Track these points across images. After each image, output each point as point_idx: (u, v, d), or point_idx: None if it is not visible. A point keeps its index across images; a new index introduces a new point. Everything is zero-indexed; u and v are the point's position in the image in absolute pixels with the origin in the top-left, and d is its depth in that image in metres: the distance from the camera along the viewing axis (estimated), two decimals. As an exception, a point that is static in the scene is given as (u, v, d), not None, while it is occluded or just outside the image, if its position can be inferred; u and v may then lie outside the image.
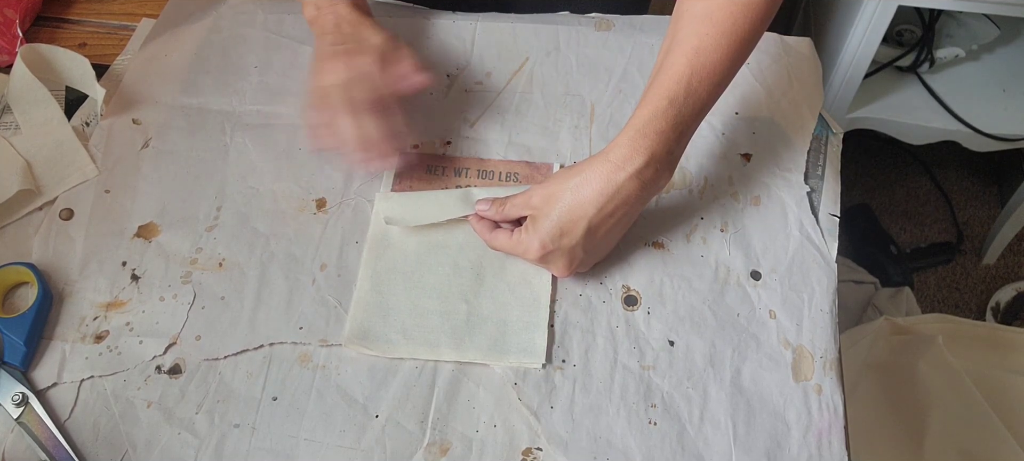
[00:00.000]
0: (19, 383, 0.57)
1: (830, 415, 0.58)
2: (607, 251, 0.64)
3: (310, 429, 0.57)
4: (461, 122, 0.73)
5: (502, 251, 0.63)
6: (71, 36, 0.81)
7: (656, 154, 0.57)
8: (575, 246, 0.59)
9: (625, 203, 0.58)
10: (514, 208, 0.62)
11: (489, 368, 0.60)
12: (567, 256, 0.60)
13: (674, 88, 0.57)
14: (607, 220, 0.59)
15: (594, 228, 0.58)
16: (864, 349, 1.06)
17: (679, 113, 0.57)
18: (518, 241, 0.61)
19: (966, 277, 1.52)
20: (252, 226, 0.66)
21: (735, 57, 0.58)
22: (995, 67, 1.35)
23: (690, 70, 0.57)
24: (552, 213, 0.58)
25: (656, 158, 0.57)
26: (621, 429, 0.57)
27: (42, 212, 0.67)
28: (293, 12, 0.81)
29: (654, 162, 0.57)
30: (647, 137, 0.57)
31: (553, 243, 0.59)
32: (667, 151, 0.58)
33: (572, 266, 0.61)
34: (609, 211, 0.58)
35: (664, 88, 0.57)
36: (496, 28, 0.80)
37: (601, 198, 0.57)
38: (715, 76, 0.57)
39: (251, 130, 0.72)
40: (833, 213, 0.68)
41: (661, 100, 0.57)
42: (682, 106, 0.57)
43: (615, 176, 0.57)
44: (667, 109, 0.57)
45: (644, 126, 0.57)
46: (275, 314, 0.62)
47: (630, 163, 0.57)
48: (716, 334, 0.61)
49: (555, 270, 0.62)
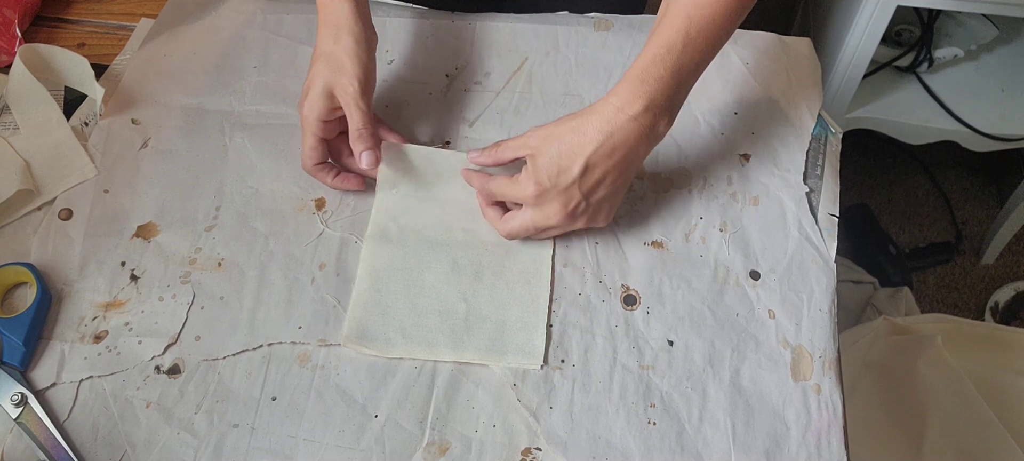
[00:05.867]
0: (18, 383, 0.57)
1: (829, 415, 0.58)
2: (606, 210, 0.62)
3: (309, 429, 0.57)
4: (460, 122, 0.73)
5: (498, 196, 0.63)
6: (70, 36, 0.81)
7: (655, 100, 0.58)
8: (571, 185, 0.59)
9: (624, 144, 0.59)
10: (509, 150, 0.62)
11: (488, 368, 0.60)
12: (563, 197, 0.59)
13: (673, 37, 0.58)
14: (605, 160, 0.59)
15: (592, 166, 0.59)
16: (863, 349, 1.06)
17: (677, 61, 0.58)
18: (515, 182, 0.61)
19: (965, 277, 1.52)
20: (251, 226, 0.66)
21: (734, 12, 0.60)
22: (994, 67, 1.35)
23: (688, 21, 0.58)
24: (550, 150, 0.59)
25: (655, 104, 0.58)
26: (620, 429, 0.57)
27: (41, 212, 0.67)
28: (292, 12, 0.81)
29: (653, 107, 0.58)
30: (645, 83, 0.58)
31: (550, 181, 0.59)
32: (665, 97, 0.59)
33: (567, 211, 0.60)
34: (607, 150, 0.58)
35: (663, 37, 0.59)
36: (495, 28, 0.80)
37: (600, 135, 0.58)
38: (713, 27, 0.59)
39: (250, 130, 0.72)
40: (832, 213, 0.68)
41: (660, 48, 0.58)
42: (681, 55, 0.58)
43: (615, 117, 0.58)
44: (665, 56, 0.58)
45: (642, 72, 0.58)
46: (274, 314, 0.62)
47: (630, 106, 0.58)
48: (715, 334, 0.61)
49: (552, 217, 0.60)
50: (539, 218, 0.61)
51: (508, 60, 0.77)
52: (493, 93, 0.75)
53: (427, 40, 0.79)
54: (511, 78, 0.76)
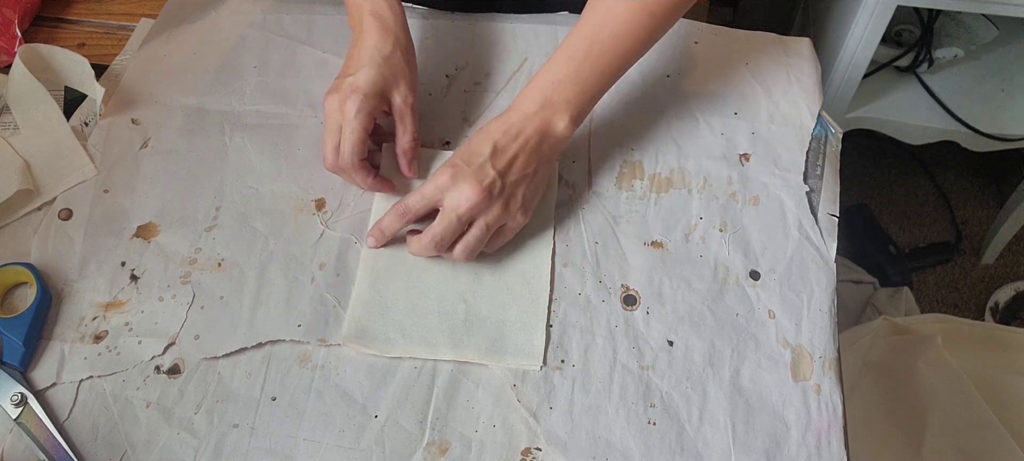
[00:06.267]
0: (18, 383, 0.57)
1: (829, 415, 0.58)
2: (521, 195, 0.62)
3: (309, 429, 0.57)
4: (460, 122, 0.73)
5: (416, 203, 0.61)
6: (70, 36, 0.81)
7: (549, 99, 0.62)
8: (484, 163, 0.60)
9: (525, 132, 0.62)
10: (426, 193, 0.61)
11: (488, 368, 0.60)
12: (478, 173, 0.60)
13: (575, 46, 0.63)
14: (512, 142, 0.61)
15: (501, 147, 0.61)
16: (863, 349, 1.06)
17: (577, 69, 0.62)
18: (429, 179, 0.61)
19: (965, 277, 1.53)
20: (251, 226, 0.66)
21: (645, 32, 0.63)
22: (994, 67, 1.35)
23: (595, 33, 0.62)
24: (460, 149, 0.62)
25: (549, 102, 0.62)
26: (620, 429, 0.57)
27: (41, 212, 0.67)
28: (292, 12, 0.81)
29: (548, 106, 0.62)
30: (542, 89, 0.62)
31: (463, 162, 0.60)
32: (563, 99, 0.62)
33: (483, 186, 0.59)
34: (513, 134, 0.61)
35: (565, 46, 0.63)
36: (495, 28, 0.80)
37: (504, 124, 0.62)
38: (622, 44, 0.63)
39: (250, 130, 0.72)
40: (832, 213, 0.68)
41: (560, 57, 0.63)
42: (581, 62, 0.62)
43: (513, 112, 0.62)
44: (565, 64, 0.62)
45: (540, 78, 0.63)
46: (274, 314, 0.62)
47: (526, 105, 0.62)
48: (715, 334, 0.61)
49: (469, 194, 0.59)
50: (457, 200, 0.59)
51: (508, 60, 0.77)
52: (493, 93, 0.75)
53: (427, 41, 0.79)
54: (511, 78, 0.76)
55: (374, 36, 0.65)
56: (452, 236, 0.61)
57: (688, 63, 0.77)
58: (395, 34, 0.66)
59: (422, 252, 0.62)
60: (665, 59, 0.77)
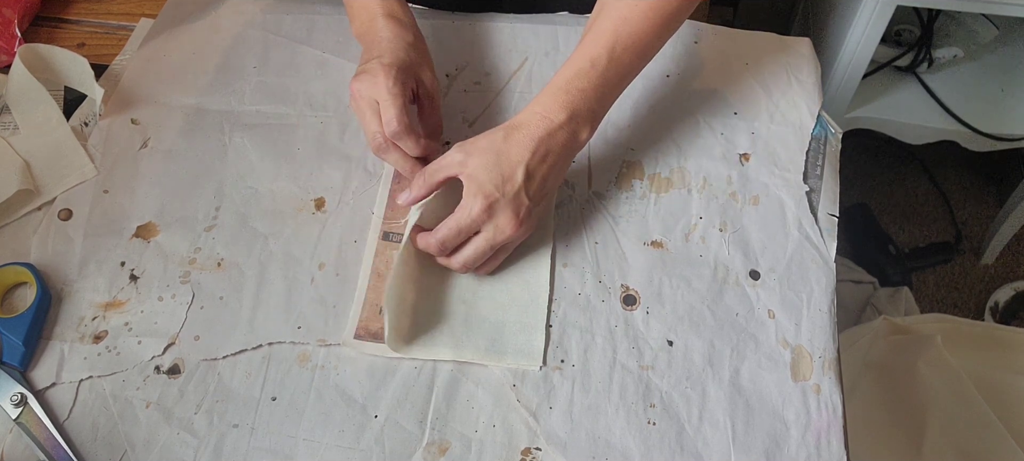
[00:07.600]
0: (18, 383, 0.57)
1: (829, 415, 0.58)
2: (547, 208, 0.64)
3: (309, 429, 0.57)
4: (460, 122, 0.73)
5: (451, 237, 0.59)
6: (70, 36, 0.81)
7: (577, 110, 0.60)
8: (519, 192, 0.59)
9: (554, 150, 0.60)
10: (438, 172, 0.60)
11: (488, 368, 0.60)
12: (513, 204, 0.59)
13: (598, 52, 0.61)
14: (541, 165, 0.60)
15: (532, 172, 0.59)
16: (863, 349, 1.06)
17: (602, 75, 0.61)
18: (460, 210, 0.59)
19: (965, 277, 1.52)
20: (251, 226, 0.66)
21: (660, 30, 0.62)
22: (994, 67, 1.35)
23: (615, 37, 0.61)
24: (486, 163, 0.58)
25: (577, 114, 0.60)
26: (620, 429, 0.57)
27: (41, 212, 0.67)
28: (292, 12, 0.81)
29: (576, 117, 0.60)
30: (569, 94, 0.60)
31: (497, 190, 0.58)
32: (588, 109, 0.61)
33: (519, 218, 0.59)
34: (541, 155, 0.60)
35: (589, 50, 0.61)
36: (495, 28, 0.80)
37: (533, 142, 0.59)
38: (639, 46, 0.62)
39: (250, 130, 0.72)
40: (832, 213, 0.68)
41: (585, 61, 0.61)
42: (605, 69, 0.61)
43: (542, 124, 0.60)
44: (589, 70, 0.60)
45: (567, 84, 0.60)
46: (274, 314, 0.62)
47: (554, 116, 0.60)
48: (715, 334, 0.61)
49: (506, 228, 0.59)
50: (494, 234, 0.59)
51: (508, 60, 0.77)
52: (493, 93, 0.75)
53: (427, 40, 0.78)
54: (511, 78, 0.76)
55: (392, 30, 0.66)
56: (481, 257, 0.61)
57: (688, 63, 0.77)
58: (413, 31, 0.67)
59: (427, 249, 0.62)
60: (665, 59, 0.77)
